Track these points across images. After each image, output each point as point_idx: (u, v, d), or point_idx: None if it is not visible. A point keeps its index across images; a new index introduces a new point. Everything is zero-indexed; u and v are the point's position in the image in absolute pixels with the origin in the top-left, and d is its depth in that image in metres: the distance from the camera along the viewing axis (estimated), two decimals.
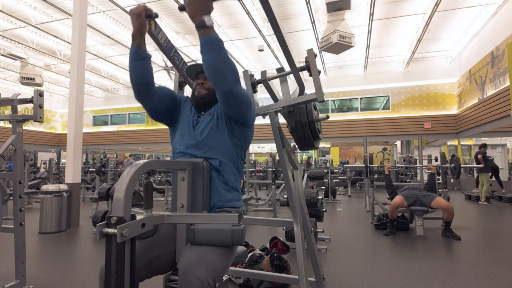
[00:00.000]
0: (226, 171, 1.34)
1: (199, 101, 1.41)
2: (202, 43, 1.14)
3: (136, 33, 1.25)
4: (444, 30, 9.79)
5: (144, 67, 1.30)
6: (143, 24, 1.23)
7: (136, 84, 1.31)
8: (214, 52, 1.14)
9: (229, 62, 1.16)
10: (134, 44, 1.27)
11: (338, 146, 19.68)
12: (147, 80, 1.31)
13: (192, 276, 1.02)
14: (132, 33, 1.26)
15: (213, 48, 1.13)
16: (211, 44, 1.13)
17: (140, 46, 1.27)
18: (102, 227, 0.83)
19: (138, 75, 1.30)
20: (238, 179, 1.41)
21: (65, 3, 8.00)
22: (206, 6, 1.11)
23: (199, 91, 1.41)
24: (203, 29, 1.13)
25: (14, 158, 2.34)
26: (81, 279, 2.68)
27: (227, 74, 1.15)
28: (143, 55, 1.29)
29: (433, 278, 2.67)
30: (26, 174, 7.62)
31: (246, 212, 6.37)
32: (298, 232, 1.69)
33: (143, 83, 1.31)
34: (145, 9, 1.22)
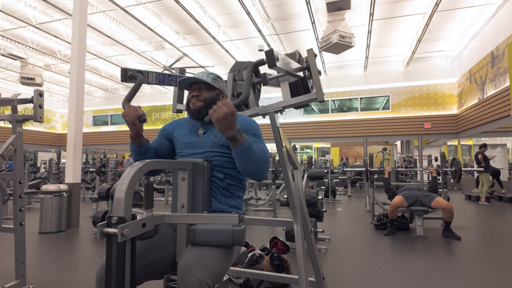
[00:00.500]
0: (230, 181, 1.35)
1: (196, 115, 1.39)
2: (234, 153, 1.21)
3: (135, 136, 1.32)
4: (444, 30, 9.80)
5: (147, 155, 1.39)
6: (139, 129, 1.30)
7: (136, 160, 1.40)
8: (247, 160, 1.21)
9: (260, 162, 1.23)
10: (134, 143, 1.35)
11: (338, 146, 19.68)
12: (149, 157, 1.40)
13: (191, 276, 1.01)
14: (130, 135, 1.33)
15: (245, 156, 1.20)
16: (243, 153, 1.19)
17: (140, 143, 1.35)
18: (103, 227, 0.83)
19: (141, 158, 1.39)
20: (242, 188, 1.42)
21: (65, 3, 8.00)
22: (234, 121, 1.13)
23: (195, 103, 1.38)
24: (233, 141, 1.17)
25: (14, 158, 2.34)
26: (81, 279, 2.68)
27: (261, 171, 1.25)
28: (144, 148, 1.37)
29: (433, 278, 2.67)
30: (26, 174, 7.62)
31: (246, 212, 6.37)
32: (298, 232, 1.69)
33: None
34: (138, 116, 1.26)
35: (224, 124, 1.11)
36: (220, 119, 1.09)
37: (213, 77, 1.40)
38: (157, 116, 15.72)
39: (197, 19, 8.44)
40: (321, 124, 13.34)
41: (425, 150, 15.02)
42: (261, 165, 1.24)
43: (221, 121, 1.10)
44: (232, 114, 1.10)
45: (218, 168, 1.33)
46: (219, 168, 1.33)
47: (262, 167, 1.24)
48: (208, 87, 1.39)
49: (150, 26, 9.01)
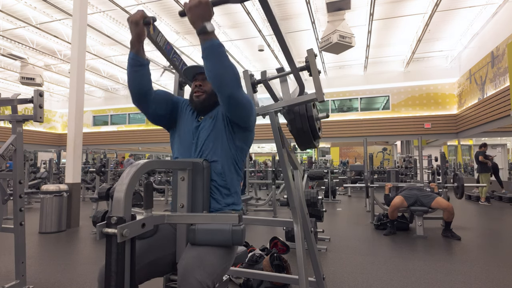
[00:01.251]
0: (227, 175, 1.33)
1: (199, 106, 1.39)
2: (203, 49, 1.15)
3: (135, 40, 1.25)
4: (444, 30, 9.79)
5: (143, 73, 1.30)
6: (141, 31, 1.24)
7: (134, 90, 1.32)
8: (216, 58, 1.14)
9: (231, 67, 1.16)
10: (132, 51, 1.27)
11: (338, 146, 19.68)
12: (145, 86, 1.32)
13: (191, 278, 1.01)
14: (130, 40, 1.26)
15: (215, 54, 1.14)
16: (212, 50, 1.14)
17: (139, 52, 1.28)
18: (102, 227, 0.83)
19: (137, 81, 1.30)
20: (239, 183, 1.41)
21: (65, 3, 8.00)
22: (207, 12, 1.10)
23: (198, 95, 1.38)
24: (204, 35, 1.13)
25: (14, 158, 2.34)
26: (81, 279, 2.68)
27: (229, 79, 1.16)
28: (142, 62, 1.28)
29: (433, 278, 2.67)
30: (26, 174, 7.62)
31: (246, 212, 6.37)
32: (298, 232, 1.69)
33: (142, 89, 1.32)
34: (143, 17, 1.22)
35: (196, 12, 1.08)
36: (192, 6, 1.07)
37: None
38: None
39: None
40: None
41: (425, 150, 15.02)
42: (230, 70, 1.15)
43: (193, 9, 1.07)
44: (206, 3, 1.08)
45: (214, 155, 1.31)
46: (216, 157, 1.31)
47: (231, 73, 1.16)
48: None
49: None
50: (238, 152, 1.38)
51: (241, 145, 1.38)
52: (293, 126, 1.86)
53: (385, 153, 17.78)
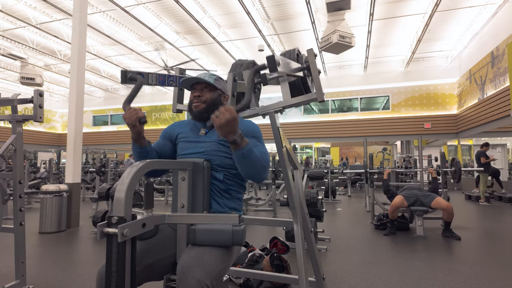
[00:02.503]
0: (230, 182, 1.35)
1: (198, 117, 1.41)
2: (235, 156, 1.22)
3: (136, 138, 1.33)
4: (444, 30, 9.80)
5: (149, 155, 1.39)
6: (140, 130, 1.30)
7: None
8: (247, 163, 1.22)
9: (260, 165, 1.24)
10: (137, 144, 1.36)
11: (338, 146, 19.68)
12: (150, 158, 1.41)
13: (190, 277, 1.01)
14: (132, 137, 1.33)
15: (246, 160, 1.21)
16: (243, 157, 1.20)
17: (142, 144, 1.36)
18: (103, 227, 0.83)
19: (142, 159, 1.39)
20: (241, 190, 1.42)
21: (65, 3, 8.00)
22: (236, 126, 1.14)
23: (197, 105, 1.39)
24: (234, 145, 1.18)
25: (14, 158, 2.34)
26: (81, 279, 2.68)
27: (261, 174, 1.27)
28: (147, 150, 1.37)
29: (433, 278, 2.67)
30: (26, 174, 7.62)
31: (246, 212, 6.37)
32: (298, 232, 1.69)
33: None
34: (138, 118, 1.26)
35: (226, 130, 1.11)
36: (222, 124, 1.09)
37: (215, 78, 1.42)
38: (157, 116, 15.73)
39: (197, 19, 8.44)
40: (321, 124, 13.34)
41: (425, 150, 15.03)
42: (261, 168, 1.25)
43: (223, 127, 1.10)
44: (234, 120, 1.10)
45: (219, 168, 1.33)
46: (220, 168, 1.33)
47: (262, 169, 1.26)
48: (210, 87, 1.40)
49: (150, 26, 9.01)
50: None
51: None
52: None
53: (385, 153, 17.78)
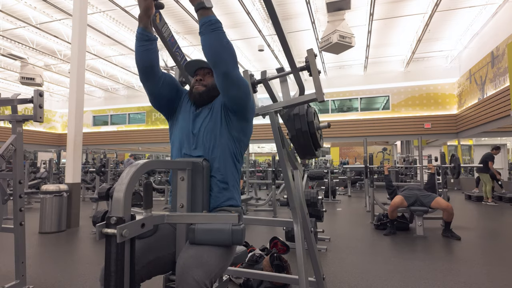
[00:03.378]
0: (225, 168, 1.32)
1: (197, 98, 1.40)
2: (200, 25, 1.16)
3: (143, 14, 1.26)
4: (444, 30, 9.79)
5: (150, 48, 1.31)
6: (149, 5, 1.24)
7: (142, 65, 1.33)
8: (213, 34, 1.16)
9: (228, 44, 1.18)
10: (140, 25, 1.29)
11: (338, 146, 19.68)
12: (152, 61, 1.33)
13: (189, 277, 1.01)
14: (139, 14, 1.27)
15: (212, 29, 1.16)
16: (210, 25, 1.15)
17: (147, 27, 1.29)
18: (102, 227, 0.83)
19: (144, 57, 1.32)
20: (237, 177, 1.40)
21: (65, 3, 8.00)
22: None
23: (197, 88, 1.40)
24: (202, 10, 1.14)
25: (14, 158, 2.34)
26: (81, 279, 2.68)
27: (226, 56, 1.17)
28: (150, 37, 1.30)
29: (433, 278, 2.67)
30: (26, 174, 7.62)
31: (246, 212, 6.37)
32: (298, 232, 1.69)
33: (149, 65, 1.33)
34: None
35: None
36: None
37: None
38: (157, 116, 15.72)
39: (197, 19, 8.43)
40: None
41: (425, 150, 15.02)
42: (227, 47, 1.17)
43: None
44: None
45: (211, 146, 1.31)
46: (214, 146, 1.31)
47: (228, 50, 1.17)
48: (212, 73, 1.40)
49: None
50: (236, 144, 1.37)
51: (239, 136, 1.37)
52: (295, 141, 1.87)
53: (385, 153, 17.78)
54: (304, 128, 1.81)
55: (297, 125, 1.82)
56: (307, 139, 1.81)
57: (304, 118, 1.83)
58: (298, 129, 1.82)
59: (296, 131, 1.83)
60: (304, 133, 1.81)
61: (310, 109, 1.89)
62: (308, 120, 1.82)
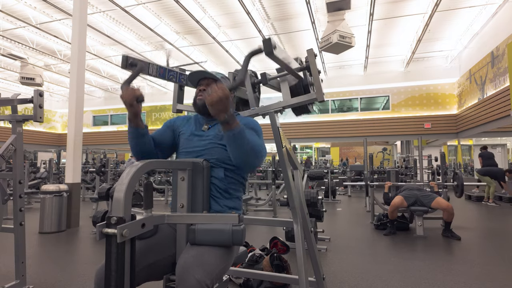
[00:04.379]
0: (230, 180, 1.35)
1: (201, 109, 1.41)
2: (225, 137, 1.20)
3: (132, 117, 1.30)
4: (444, 30, 9.79)
5: (144, 141, 1.36)
6: (137, 110, 1.28)
7: (138, 154, 1.39)
8: (238, 145, 1.20)
9: (252, 149, 1.22)
10: (132, 125, 1.32)
11: (338, 146, 19.69)
12: (148, 148, 1.39)
13: (190, 277, 1.01)
14: (128, 117, 1.31)
15: (237, 142, 1.19)
16: (234, 139, 1.18)
17: (138, 125, 1.33)
18: (102, 227, 0.83)
19: (140, 149, 1.37)
20: (241, 189, 1.42)
21: (65, 3, 8.00)
22: (228, 105, 1.12)
23: (201, 98, 1.40)
24: (226, 125, 1.16)
25: (14, 158, 2.34)
26: (81, 279, 2.68)
27: (251, 160, 1.24)
28: (142, 132, 1.34)
29: (433, 278, 2.67)
30: (26, 174, 7.62)
31: (246, 212, 6.37)
32: (298, 232, 1.69)
33: (145, 152, 1.39)
34: (136, 97, 1.24)
35: (217, 107, 1.10)
36: (214, 102, 1.09)
37: (221, 76, 1.46)
38: (157, 116, 15.72)
39: (197, 19, 8.44)
40: (321, 124, 13.34)
41: (425, 150, 15.02)
42: (253, 152, 1.22)
43: (215, 104, 1.10)
44: (226, 97, 1.10)
45: (218, 163, 1.32)
46: (220, 163, 1.32)
47: (254, 155, 1.23)
48: (215, 82, 1.40)
49: (150, 26, 9.01)
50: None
51: None
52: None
53: (385, 153, 17.78)
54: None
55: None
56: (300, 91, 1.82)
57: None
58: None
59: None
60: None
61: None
62: (303, 84, 1.84)
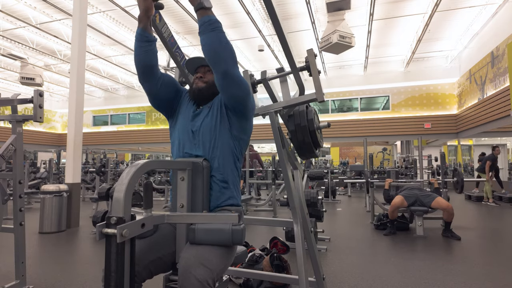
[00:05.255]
0: (225, 167, 1.32)
1: (197, 94, 1.40)
2: (200, 24, 1.17)
3: (143, 15, 1.26)
4: (444, 30, 9.79)
5: (149, 49, 1.32)
6: (149, 6, 1.24)
7: (141, 66, 1.34)
8: (212, 33, 1.17)
9: (227, 43, 1.18)
10: (140, 26, 1.29)
11: (338, 146, 19.68)
12: (151, 62, 1.34)
13: (191, 276, 1.01)
14: (138, 15, 1.27)
15: (211, 29, 1.16)
16: (209, 25, 1.16)
17: (146, 28, 1.29)
18: (102, 228, 0.83)
19: (143, 57, 1.32)
20: (237, 175, 1.39)
21: (65, 3, 8.00)
22: None
23: (197, 84, 1.40)
24: (202, 10, 1.15)
25: (14, 158, 2.34)
26: (81, 279, 2.68)
27: (225, 55, 1.18)
28: (149, 38, 1.31)
29: (433, 278, 2.67)
30: (26, 174, 7.62)
31: (246, 212, 6.37)
32: (298, 232, 1.69)
33: (148, 65, 1.34)
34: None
35: None
36: None
37: None
38: (157, 116, 15.72)
39: (197, 19, 8.43)
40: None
41: (425, 150, 15.01)
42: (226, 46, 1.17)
43: None
44: None
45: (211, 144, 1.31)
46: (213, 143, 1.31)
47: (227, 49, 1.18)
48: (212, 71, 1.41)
49: None
50: (236, 143, 1.37)
51: (239, 134, 1.37)
52: (294, 137, 1.86)
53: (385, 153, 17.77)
54: (303, 123, 1.80)
55: (296, 121, 1.82)
56: (306, 135, 1.81)
57: (304, 114, 1.83)
58: (297, 124, 1.82)
59: (295, 126, 1.82)
60: (303, 128, 1.80)
61: (310, 108, 1.89)
62: (307, 118, 1.82)
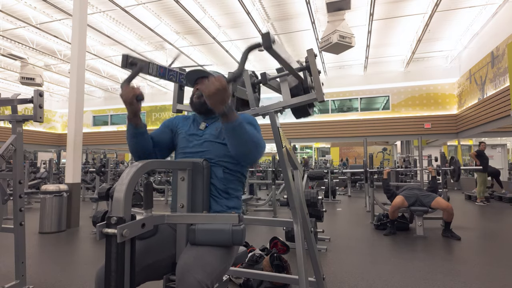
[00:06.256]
0: (229, 178, 1.34)
1: (199, 108, 1.41)
2: (224, 129, 1.19)
3: (132, 116, 1.29)
4: (444, 30, 9.79)
5: (143, 138, 1.36)
6: (137, 109, 1.27)
7: (137, 154, 1.39)
8: (236, 137, 1.19)
9: (251, 141, 1.20)
10: (131, 124, 1.32)
11: (338, 146, 19.67)
12: (147, 148, 1.39)
13: (190, 277, 1.01)
14: (128, 116, 1.30)
15: (235, 134, 1.18)
16: (233, 131, 1.17)
17: (137, 125, 1.32)
18: (102, 227, 0.83)
19: (139, 149, 1.37)
20: (241, 188, 1.42)
21: (65, 3, 8.00)
22: (226, 96, 1.11)
23: (199, 97, 1.40)
24: (224, 117, 1.15)
25: (14, 158, 2.34)
26: (81, 279, 2.68)
27: (253, 153, 1.23)
28: (141, 131, 1.34)
29: (433, 278, 2.67)
30: (26, 174, 7.62)
31: (246, 212, 6.37)
32: (298, 232, 1.69)
33: (144, 152, 1.39)
34: (135, 96, 1.24)
35: (215, 98, 1.09)
36: (211, 93, 1.08)
37: (218, 74, 1.44)
38: (157, 116, 15.72)
39: (197, 19, 8.44)
40: (321, 124, 13.34)
41: (425, 150, 15.01)
42: (253, 143, 1.21)
43: (213, 96, 1.09)
44: (224, 89, 1.09)
45: (217, 160, 1.32)
46: (219, 160, 1.32)
47: (254, 146, 1.22)
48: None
49: (150, 26, 9.01)
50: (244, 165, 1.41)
51: None
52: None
53: (385, 153, 17.77)
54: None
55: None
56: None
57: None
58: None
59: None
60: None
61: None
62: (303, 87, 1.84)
